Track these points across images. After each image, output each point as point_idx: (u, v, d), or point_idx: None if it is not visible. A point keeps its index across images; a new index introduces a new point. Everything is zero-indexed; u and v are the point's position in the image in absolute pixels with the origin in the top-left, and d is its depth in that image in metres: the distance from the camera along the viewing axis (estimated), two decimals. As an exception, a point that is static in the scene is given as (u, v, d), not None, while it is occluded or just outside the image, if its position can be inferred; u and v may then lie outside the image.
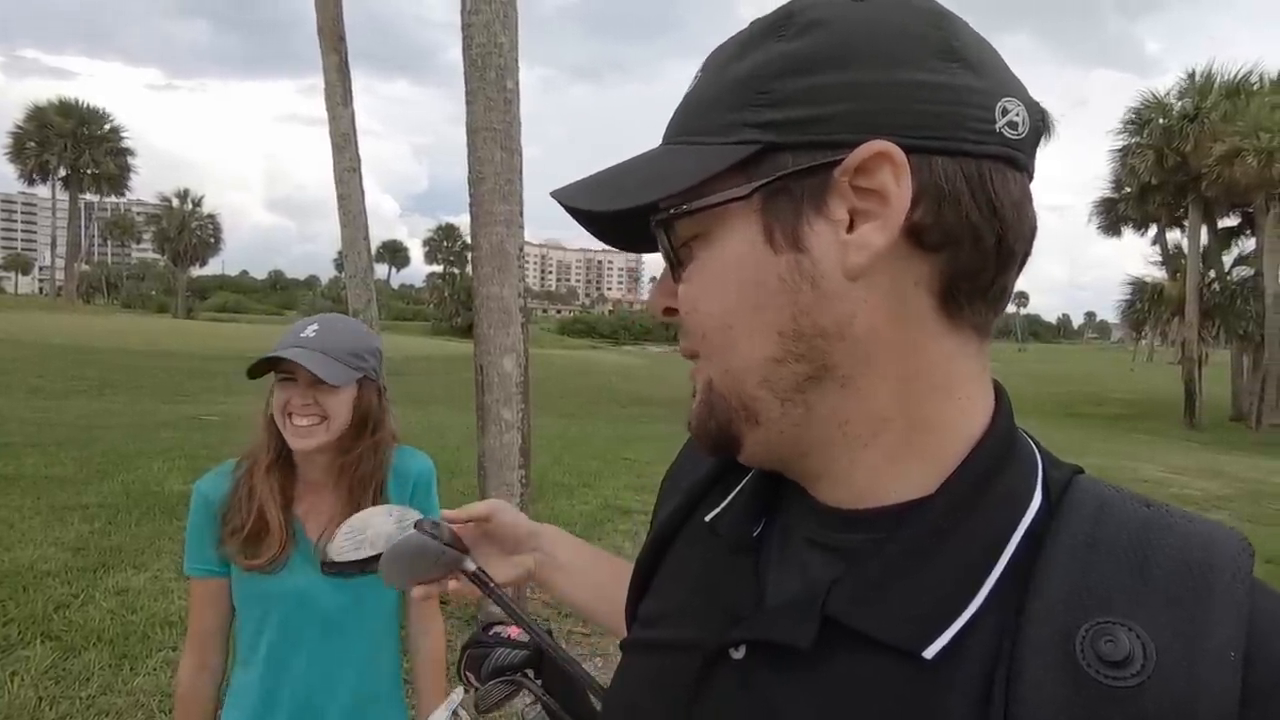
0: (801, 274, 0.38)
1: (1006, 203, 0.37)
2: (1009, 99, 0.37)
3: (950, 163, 0.36)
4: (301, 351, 1.19)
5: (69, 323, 27.59)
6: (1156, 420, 20.58)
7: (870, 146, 0.35)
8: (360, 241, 5.26)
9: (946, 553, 0.37)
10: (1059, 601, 0.34)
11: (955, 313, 0.38)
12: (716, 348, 0.41)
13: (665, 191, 0.39)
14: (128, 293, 75.79)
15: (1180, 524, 0.36)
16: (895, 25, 0.37)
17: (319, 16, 5.20)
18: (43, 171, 43.39)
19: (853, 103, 0.36)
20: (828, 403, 0.39)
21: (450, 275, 63.43)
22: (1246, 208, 21.23)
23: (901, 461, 0.39)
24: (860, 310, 0.38)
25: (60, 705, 2.60)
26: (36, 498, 4.77)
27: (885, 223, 0.36)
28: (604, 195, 0.41)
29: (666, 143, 0.42)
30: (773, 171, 0.37)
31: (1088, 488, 0.39)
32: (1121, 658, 0.32)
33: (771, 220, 0.38)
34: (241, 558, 1.21)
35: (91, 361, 15.67)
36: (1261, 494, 8.24)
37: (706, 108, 0.40)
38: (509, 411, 3.29)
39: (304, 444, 1.23)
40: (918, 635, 0.36)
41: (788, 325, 0.38)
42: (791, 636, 0.39)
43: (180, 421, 8.39)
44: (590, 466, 7.13)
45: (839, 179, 0.36)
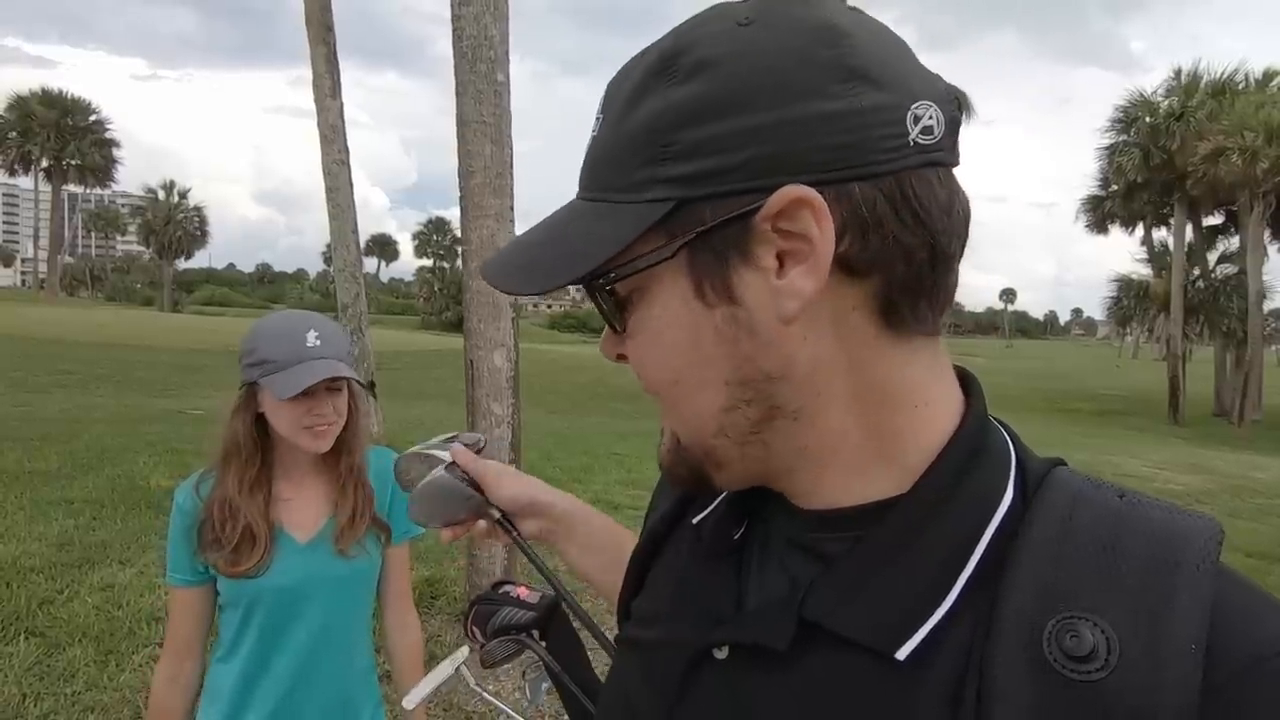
0: (738, 325, 0.38)
1: (933, 210, 0.36)
2: (918, 104, 0.36)
3: (868, 188, 0.35)
4: (328, 364, 1.21)
5: (52, 316, 27.24)
6: (1141, 416, 20.82)
7: (785, 194, 0.35)
8: (349, 235, 5.23)
9: (918, 552, 0.37)
10: (1028, 597, 0.34)
11: (898, 325, 0.38)
12: (670, 402, 0.42)
13: (589, 266, 0.39)
14: (112, 286, 74.88)
15: (1152, 514, 0.36)
16: (786, 52, 0.36)
17: (307, 6, 5.15)
18: (25, 162, 42.68)
19: (758, 147, 0.35)
20: (783, 437, 0.40)
21: (439, 269, 63.20)
22: (1231, 206, 21.47)
23: (867, 470, 0.40)
24: (800, 349, 0.38)
25: (45, 702, 2.58)
26: (19, 492, 4.72)
27: (812, 266, 0.36)
28: (536, 276, 0.41)
29: (582, 195, 0.42)
30: (692, 227, 0.37)
31: (1063, 481, 0.38)
32: (1085, 652, 0.32)
33: (700, 274, 0.38)
34: (224, 565, 1.21)
35: (75, 355, 15.48)
36: (1244, 489, 8.36)
37: (613, 161, 0.39)
38: (499, 406, 3.28)
39: (321, 445, 1.25)
40: (889, 636, 0.36)
41: (732, 375, 0.39)
42: (769, 638, 0.39)
43: (165, 416, 8.30)
44: (580, 462, 7.13)
45: (760, 225, 0.36)
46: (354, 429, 1.30)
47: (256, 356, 1.21)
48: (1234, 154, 18.38)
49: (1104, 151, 23.03)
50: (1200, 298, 22.00)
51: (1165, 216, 23.18)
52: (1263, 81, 20.63)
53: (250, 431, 1.24)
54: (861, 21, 0.38)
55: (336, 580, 1.27)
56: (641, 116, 0.38)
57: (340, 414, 1.26)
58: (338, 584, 1.28)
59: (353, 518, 1.28)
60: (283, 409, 1.21)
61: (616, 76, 0.41)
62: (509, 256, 0.44)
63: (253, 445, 1.24)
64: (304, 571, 1.25)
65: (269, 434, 1.26)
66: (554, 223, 0.42)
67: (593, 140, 0.41)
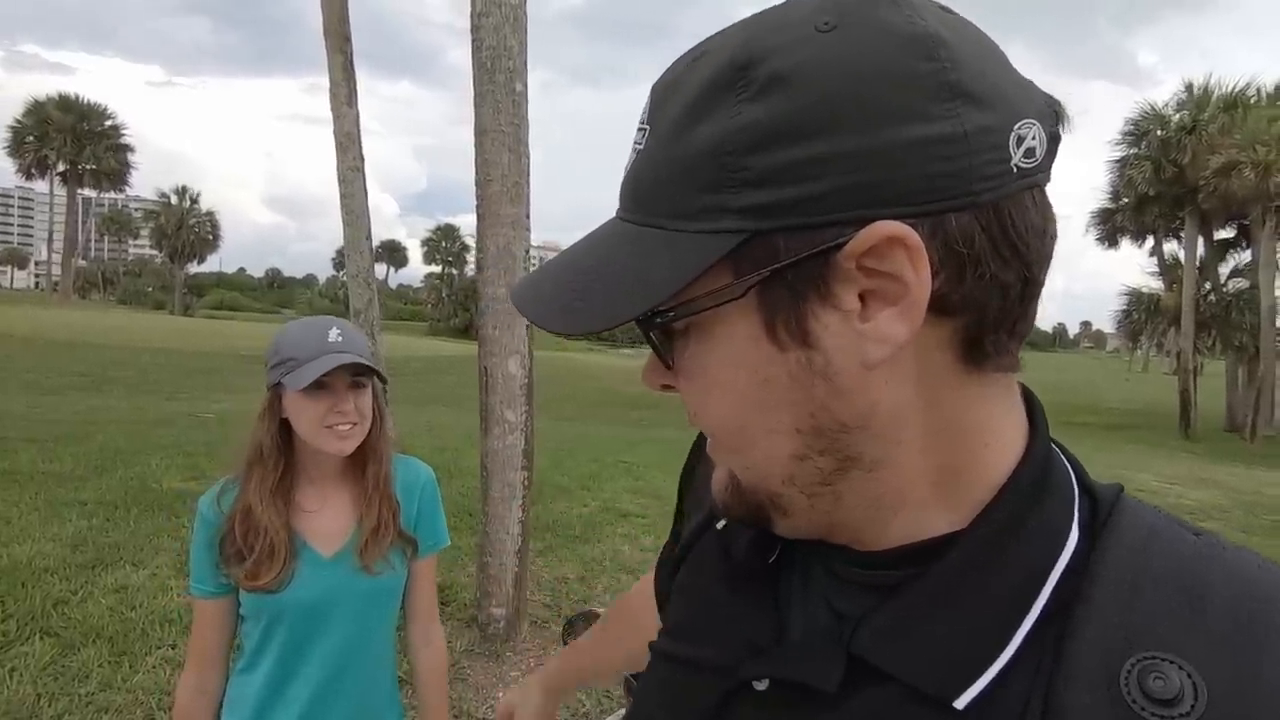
0: (814, 370, 0.34)
1: (1030, 238, 0.33)
2: (1021, 123, 0.33)
3: (966, 219, 0.32)
4: (350, 356, 1.19)
5: (65, 318, 27.47)
6: (1152, 430, 20.64)
7: (878, 230, 0.31)
8: (362, 241, 5.26)
9: (980, 592, 0.35)
10: (1102, 639, 0.32)
11: (980, 362, 0.35)
12: (731, 447, 0.39)
13: (644, 307, 0.35)
14: (124, 289, 75.40)
15: (1230, 557, 0.34)
16: (877, 66, 0.31)
17: (325, 16, 5.21)
18: (41, 167, 43.20)
19: (844, 176, 0.31)
20: (856, 488, 0.37)
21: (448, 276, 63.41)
22: (1243, 220, 21.33)
23: (931, 508, 0.37)
24: (882, 396, 0.35)
25: (59, 702, 2.59)
26: (34, 493, 4.75)
27: (905, 312, 0.32)
28: (579, 316, 0.36)
29: (627, 218, 0.37)
30: (766, 262, 0.33)
31: (1131, 517, 0.36)
32: (1172, 695, 0.30)
33: (773, 314, 0.34)
34: (245, 579, 1.18)
35: (88, 358, 15.61)
36: (1256, 505, 8.27)
37: (670, 184, 0.35)
38: (512, 413, 3.29)
39: (345, 447, 1.22)
40: (949, 682, 0.34)
41: (805, 423, 0.35)
42: (817, 677, 0.37)
43: (178, 419, 8.35)
44: (589, 469, 7.12)
45: (844, 263, 0.32)
46: (379, 436, 1.28)
47: (280, 357, 1.20)
48: (1246, 168, 18.28)
49: (1115, 164, 22.95)
50: (1212, 311, 21.84)
51: (1176, 230, 23.06)
52: (1274, 95, 20.53)
53: (274, 437, 1.22)
54: (956, 25, 0.34)
55: (360, 595, 1.25)
56: (706, 135, 0.33)
57: (364, 415, 1.23)
58: (361, 599, 1.25)
59: (377, 530, 1.25)
60: (304, 408, 1.18)
61: (665, 82, 0.37)
62: (548, 288, 0.38)
63: (276, 451, 1.22)
64: (327, 586, 1.22)
65: (293, 441, 1.24)
66: (597, 249, 0.38)
67: (638, 155, 0.37)
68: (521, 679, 3.13)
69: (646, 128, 0.37)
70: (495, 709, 0.85)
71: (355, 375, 1.22)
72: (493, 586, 3.34)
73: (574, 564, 4.42)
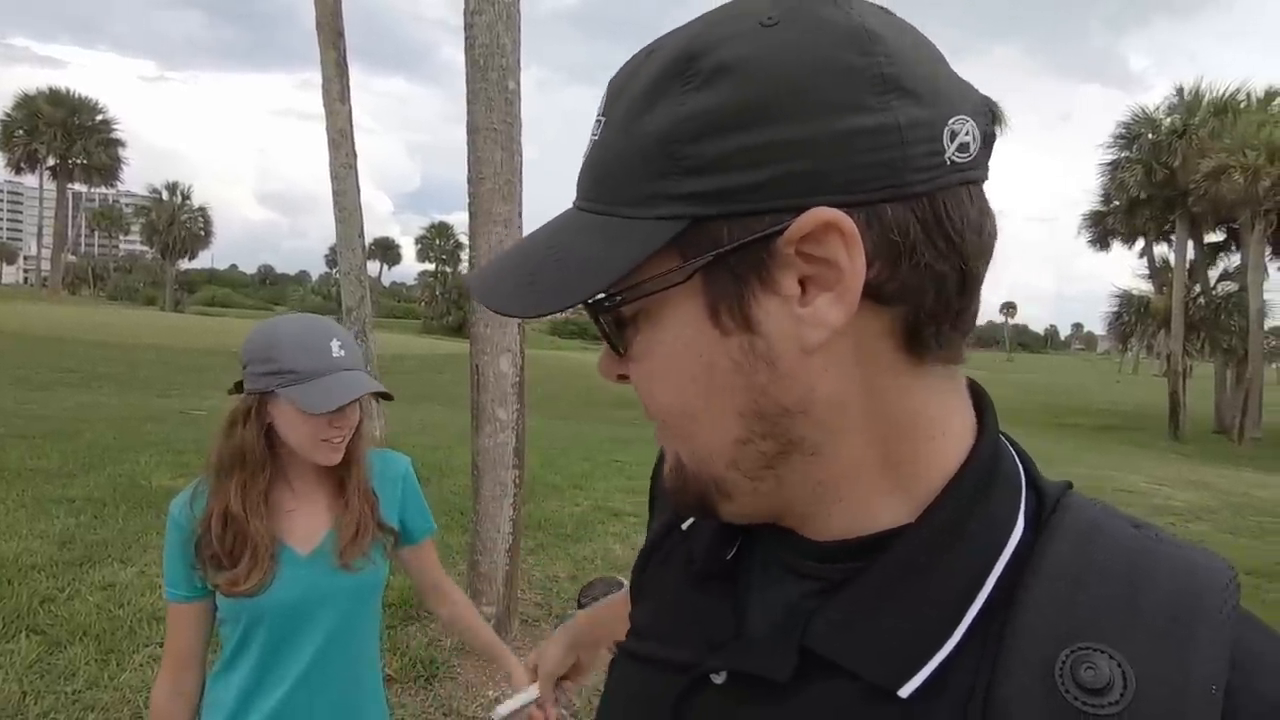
0: (756, 354, 0.35)
1: (966, 232, 0.34)
2: (955, 119, 0.34)
3: (901, 210, 0.33)
4: (356, 377, 1.17)
5: (55, 314, 27.26)
6: (1141, 431, 20.79)
7: (814, 216, 0.32)
8: (355, 238, 5.25)
9: (925, 585, 0.36)
10: (1041, 630, 0.33)
11: (921, 353, 0.36)
12: (677, 431, 0.40)
13: (593, 289, 0.35)
14: (114, 285, 74.92)
15: (1170, 551, 0.35)
16: (817, 59, 0.32)
17: (318, 11, 5.19)
18: (31, 161, 42.83)
19: (784, 164, 0.32)
20: (798, 472, 0.38)
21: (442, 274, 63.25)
22: (1232, 224, 21.52)
23: (877, 500, 0.38)
24: (821, 381, 0.35)
25: (45, 700, 2.58)
26: (21, 490, 4.72)
27: (840, 295, 0.33)
28: (532, 297, 0.37)
29: (583, 206, 0.38)
30: (708, 248, 0.34)
31: (1074, 510, 0.37)
32: (1101, 685, 0.31)
33: (715, 299, 0.35)
34: (224, 584, 1.16)
35: (77, 353, 15.50)
36: (1244, 506, 8.34)
37: (620, 172, 0.36)
38: (504, 411, 3.29)
39: (337, 458, 1.21)
40: (894, 672, 0.35)
41: (747, 407, 0.36)
42: (769, 668, 0.38)
43: (167, 416, 8.31)
44: (581, 468, 7.12)
45: (784, 249, 0.33)
46: (358, 438, 1.27)
47: (276, 366, 1.14)
48: (1236, 172, 18.44)
49: (1106, 167, 23.10)
50: (1201, 314, 22.01)
51: (1167, 233, 23.23)
52: (1264, 100, 20.72)
53: (260, 443, 1.18)
54: (894, 24, 0.35)
55: (341, 593, 1.23)
56: (653, 124, 0.34)
57: (354, 423, 1.22)
58: (342, 596, 1.24)
59: (356, 531, 1.23)
60: (303, 423, 1.15)
61: (621, 75, 0.38)
62: (501, 274, 0.40)
63: (263, 457, 1.19)
64: (307, 585, 1.20)
65: (275, 445, 1.21)
66: (551, 236, 0.39)
67: (593, 144, 0.38)
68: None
69: (603, 119, 0.38)
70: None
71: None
72: (484, 585, 3.34)
73: (565, 563, 4.43)
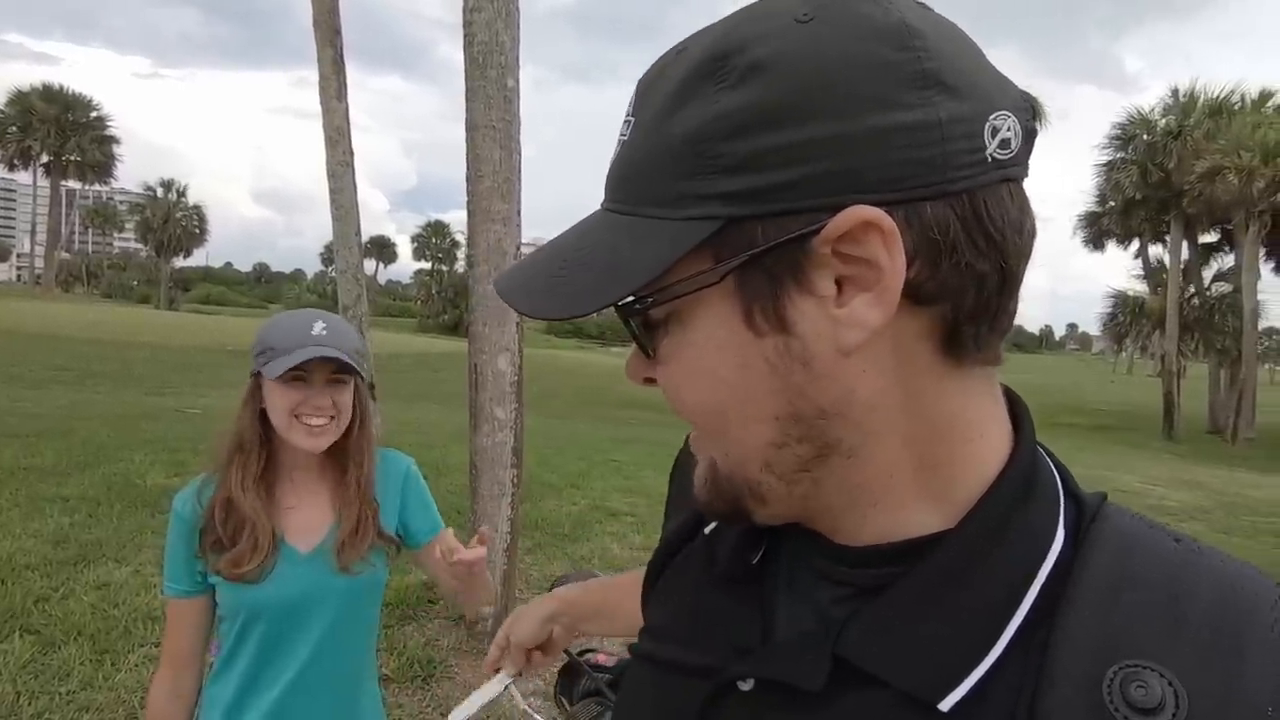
0: (791, 356, 0.34)
1: (1006, 230, 0.34)
2: (997, 114, 0.33)
3: (941, 208, 0.32)
4: (330, 350, 1.17)
5: (48, 311, 27.13)
6: (1135, 431, 20.88)
7: (852, 215, 0.31)
8: (351, 237, 5.23)
9: (965, 594, 0.35)
10: (1086, 644, 0.32)
11: (960, 354, 0.35)
12: (711, 433, 0.39)
13: (623, 292, 0.35)
14: (108, 282, 74.53)
15: (1213, 563, 0.34)
16: (852, 55, 0.32)
17: (315, 9, 5.16)
18: (24, 158, 42.61)
19: (819, 163, 0.32)
20: (834, 475, 0.37)
21: (438, 272, 63.13)
22: (1227, 224, 21.62)
23: (914, 505, 0.37)
24: (859, 383, 0.35)
25: (39, 700, 2.56)
26: (15, 489, 4.69)
27: (879, 296, 0.33)
28: (561, 299, 0.36)
29: (612, 208, 0.38)
30: (742, 249, 0.33)
31: (1114, 521, 0.37)
32: (1154, 704, 0.30)
33: (750, 300, 0.34)
34: (226, 567, 1.17)
35: (71, 351, 15.42)
36: (1237, 506, 8.40)
37: (650, 173, 0.35)
38: (502, 410, 3.28)
39: (317, 444, 1.20)
40: (934, 684, 0.34)
41: (783, 409, 0.35)
42: (802, 677, 0.37)
43: (162, 414, 8.27)
44: (578, 468, 7.12)
45: (820, 249, 0.32)
46: (362, 437, 1.27)
47: (262, 346, 1.19)
48: (1230, 173, 18.52)
49: (1102, 168, 23.19)
50: (1195, 315, 22.13)
51: (1162, 233, 23.33)
52: (1259, 102, 20.81)
53: (255, 425, 1.21)
54: (933, 19, 0.34)
55: (338, 593, 1.23)
56: (685, 124, 0.34)
57: (341, 411, 1.21)
58: (339, 597, 1.23)
59: (355, 532, 1.23)
60: (278, 398, 1.17)
61: (650, 74, 0.37)
62: (531, 275, 0.39)
63: (256, 440, 1.21)
64: (305, 583, 1.21)
65: (273, 433, 1.23)
66: (580, 238, 0.38)
67: (623, 145, 0.37)
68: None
69: (631, 119, 0.37)
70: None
71: (336, 371, 1.20)
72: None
73: (563, 562, 4.42)
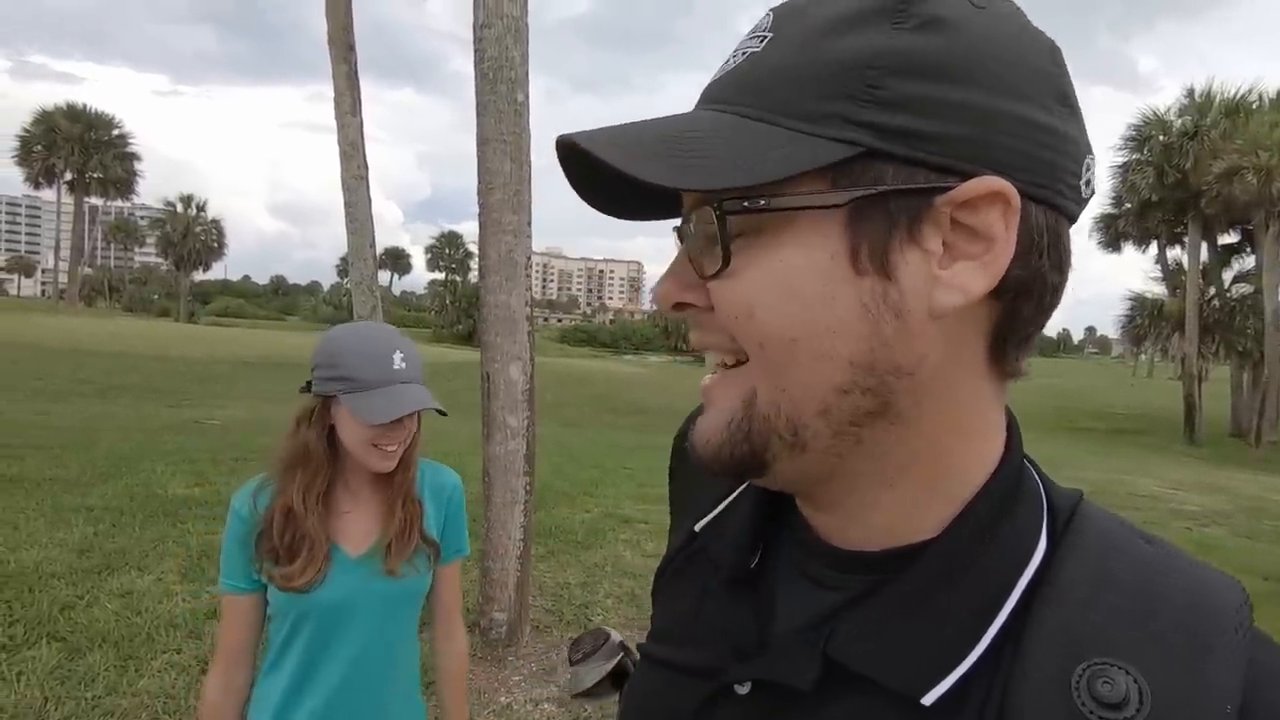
0: (887, 303, 0.34)
1: (1068, 258, 0.37)
2: (1091, 157, 0.37)
3: (1044, 213, 0.35)
4: (415, 390, 1.20)
5: (71, 326, 27.62)
6: (1156, 435, 20.58)
7: (987, 183, 0.33)
8: (366, 248, 5.31)
9: (951, 597, 0.36)
10: (1058, 642, 0.33)
11: (1000, 359, 0.37)
12: (774, 363, 0.36)
13: (749, 178, 0.33)
14: (130, 296, 75.74)
15: (1183, 567, 0.35)
16: (1021, 50, 0.34)
17: (329, 25, 5.26)
18: (49, 175, 43.54)
19: (973, 127, 0.33)
20: (875, 439, 0.37)
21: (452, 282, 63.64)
22: (1246, 225, 21.30)
23: (919, 505, 0.38)
24: (933, 350, 0.35)
25: (65, 705, 2.61)
26: (41, 499, 4.79)
27: (986, 268, 0.34)
28: (665, 167, 0.34)
29: (730, 109, 0.36)
30: (871, 183, 0.33)
31: (1090, 524, 0.38)
32: (1118, 700, 0.31)
33: (860, 237, 0.34)
34: (280, 579, 1.20)
35: (94, 364, 15.70)
36: (1261, 510, 8.24)
37: (795, 84, 0.34)
38: (514, 418, 3.32)
39: (390, 465, 1.24)
40: (917, 681, 0.35)
41: (862, 356, 0.35)
42: (793, 678, 0.38)
43: (182, 425, 8.40)
44: (591, 475, 7.14)
45: (940, 207, 0.33)
46: (414, 448, 1.29)
47: (340, 372, 1.19)
48: (1249, 173, 18.27)
49: (1117, 169, 22.95)
50: (1216, 317, 21.79)
51: (1179, 235, 23.03)
52: (1277, 101, 20.55)
53: (322, 443, 1.23)
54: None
55: (384, 597, 1.26)
56: (850, 47, 0.34)
57: (411, 432, 1.26)
58: (385, 601, 1.26)
59: (402, 535, 1.26)
60: (359, 429, 1.19)
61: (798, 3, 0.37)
62: (627, 140, 0.35)
63: (324, 458, 1.23)
64: (353, 586, 1.24)
65: (336, 447, 1.25)
66: (690, 123, 0.36)
67: (751, 57, 0.36)
68: (524, 684, 3.15)
69: (769, 34, 0.36)
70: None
71: None
72: (495, 591, 3.36)
73: (576, 569, 4.44)
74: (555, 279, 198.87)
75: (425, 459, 1.37)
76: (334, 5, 5.06)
